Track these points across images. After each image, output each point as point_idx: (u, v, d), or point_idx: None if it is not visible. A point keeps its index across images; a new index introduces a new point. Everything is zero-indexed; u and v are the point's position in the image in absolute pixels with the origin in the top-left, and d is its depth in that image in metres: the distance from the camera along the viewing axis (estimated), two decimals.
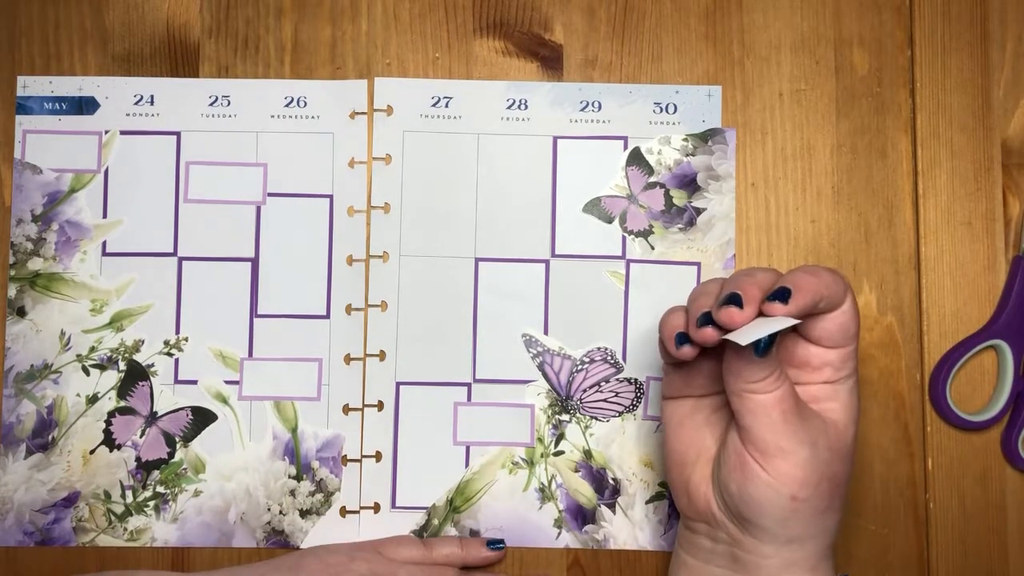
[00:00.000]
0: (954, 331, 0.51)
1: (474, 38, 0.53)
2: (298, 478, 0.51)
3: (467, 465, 0.51)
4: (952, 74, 0.52)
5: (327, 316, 0.51)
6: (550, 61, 0.53)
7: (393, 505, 0.51)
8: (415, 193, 0.52)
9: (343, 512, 0.51)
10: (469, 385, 0.51)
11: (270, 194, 0.52)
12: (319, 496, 0.51)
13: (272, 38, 0.53)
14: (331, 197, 0.52)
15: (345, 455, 0.51)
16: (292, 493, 0.51)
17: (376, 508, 0.51)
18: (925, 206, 0.52)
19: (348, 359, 0.51)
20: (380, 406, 0.51)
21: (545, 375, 0.51)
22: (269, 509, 0.51)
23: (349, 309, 0.51)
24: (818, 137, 0.52)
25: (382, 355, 0.51)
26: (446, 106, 0.52)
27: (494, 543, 0.50)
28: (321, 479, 0.51)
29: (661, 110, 0.52)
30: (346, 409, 0.51)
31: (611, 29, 0.53)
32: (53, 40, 0.52)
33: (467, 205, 0.52)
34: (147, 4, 0.53)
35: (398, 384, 0.51)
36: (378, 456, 0.51)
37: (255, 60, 0.53)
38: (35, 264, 0.51)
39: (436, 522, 0.51)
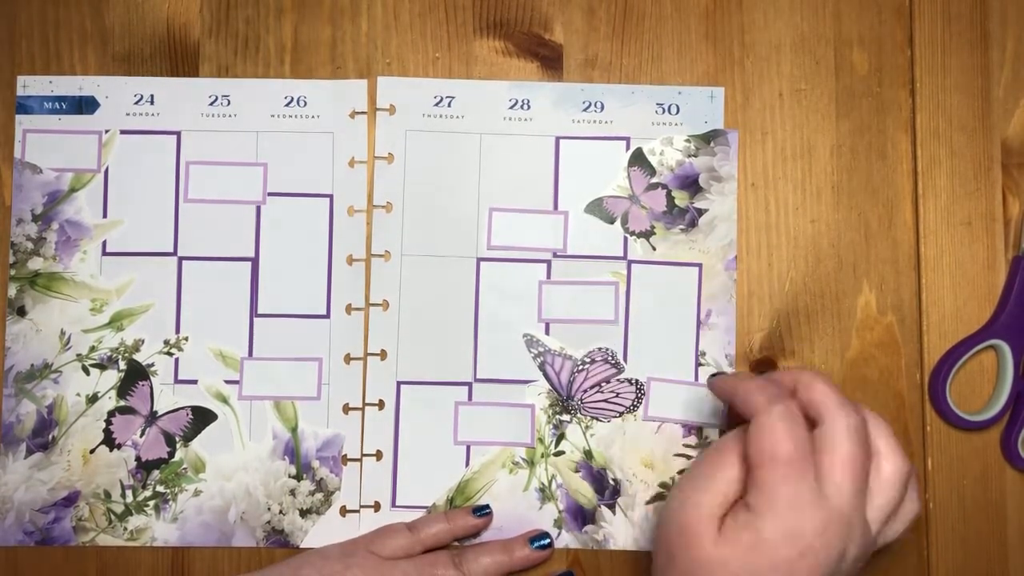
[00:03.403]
0: (954, 331, 0.51)
1: (474, 38, 0.53)
2: (298, 477, 0.51)
3: (467, 465, 0.51)
4: (952, 74, 0.52)
5: (327, 316, 0.51)
6: (550, 61, 0.53)
7: (393, 504, 0.51)
8: (417, 192, 0.52)
9: (343, 511, 0.51)
10: (470, 385, 0.51)
11: (270, 194, 0.52)
12: (319, 495, 0.51)
13: (272, 38, 0.53)
14: (331, 197, 0.52)
15: (345, 454, 0.51)
16: (292, 492, 0.51)
17: (376, 507, 0.51)
18: (925, 206, 0.52)
19: (348, 359, 0.51)
20: (381, 405, 0.51)
21: (546, 375, 0.51)
22: (269, 508, 0.50)
23: (349, 309, 0.51)
24: (818, 137, 0.52)
25: (383, 354, 0.51)
26: (449, 106, 0.52)
27: (480, 510, 0.50)
28: (321, 478, 0.51)
29: (664, 111, 0.52)
30: (346, 408, 0.51)
31: (611, 29, 0.53)
32: (53, 40, 0.52)
33: (469, 205, 0.52)
34: (147, 4, 0.53)
35: (399, 383, 0.51)
36: (378, 455, 0.51)
37: (255, 60, 0.52)
38: (35, 264, 0.51)
39: None
